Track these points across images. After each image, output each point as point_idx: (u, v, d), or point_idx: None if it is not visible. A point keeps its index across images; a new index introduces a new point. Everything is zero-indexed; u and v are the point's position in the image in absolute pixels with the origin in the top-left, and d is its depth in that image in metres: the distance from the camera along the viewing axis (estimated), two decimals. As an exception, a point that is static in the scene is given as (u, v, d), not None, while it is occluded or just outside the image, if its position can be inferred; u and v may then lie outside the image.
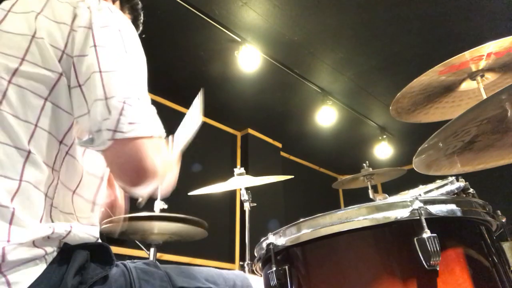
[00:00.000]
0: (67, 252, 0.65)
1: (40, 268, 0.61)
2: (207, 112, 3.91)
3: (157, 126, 0.71)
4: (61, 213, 0.68)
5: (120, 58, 0.70)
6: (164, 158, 0.72)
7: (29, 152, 0.63)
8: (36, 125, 0.65)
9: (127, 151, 0.65)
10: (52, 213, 0.66)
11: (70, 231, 0.65)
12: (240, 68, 3.17)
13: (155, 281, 0.75)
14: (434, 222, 0.79)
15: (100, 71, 0.66)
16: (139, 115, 0.67)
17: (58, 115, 0.67)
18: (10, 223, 0.58)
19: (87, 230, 0.70)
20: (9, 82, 0.65)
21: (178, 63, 3.27)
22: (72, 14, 0.71)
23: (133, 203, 1.04)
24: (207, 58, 3.23)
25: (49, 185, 0.66)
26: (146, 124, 0.67)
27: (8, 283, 0.56)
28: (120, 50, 0.71)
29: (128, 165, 0.66)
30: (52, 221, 0.66)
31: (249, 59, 3.08)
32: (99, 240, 0.73)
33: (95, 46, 0.68)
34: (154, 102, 0.73)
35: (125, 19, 0.77)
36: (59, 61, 0.68)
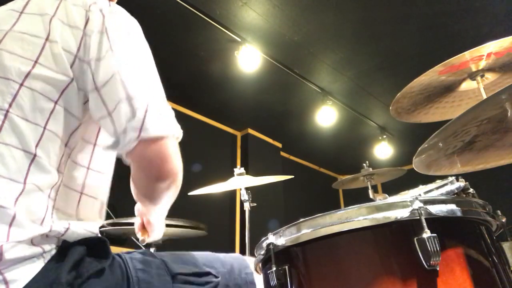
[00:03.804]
0: (65, 249, 0.65)
1: (38, 266, 0.61)
2: (207, 112, 3.95)
3: (177, 127, 0.72)
4: (63, 214, 0.68)
5: (137, 60, 0.71)
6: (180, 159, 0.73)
7: (35, 155, 0.64)
8: (44, 128, 0.65)
9: (153, 150, 0.67)
10: (54, 215, 0.66)
11: (68, 228, 0.65)
12: (240, 68, 3.17)
13: (151, 269, 0.75)
14: (434, 222, 0.79)
15: (120, 73, 0.67)
16: (162, 115, 0.69)
17: (65, 118, 0.68)
18: (10, 225, 0.58)
19: (86, 226, 0.69)
20: (21, 85, 0.65)
21: (178, 63, 3.26)
22: (85, 18, 0.71)
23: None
24: (207, 58, 3.23)
25: (53, 187, 0.66)
26: (168, 124, 0.70)
27: (6, 281, 0.57)
28: (135, 52, 0.72)
29: (153, 163, 0.68)
30: (53, 222, 0.65)
31: (249, 59, 3.08)
32: (98, 235, 0.72)
33: (111, 49, 0.69)
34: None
35: (134, 20, 0.78)
36: (71, 66, 0.68)
